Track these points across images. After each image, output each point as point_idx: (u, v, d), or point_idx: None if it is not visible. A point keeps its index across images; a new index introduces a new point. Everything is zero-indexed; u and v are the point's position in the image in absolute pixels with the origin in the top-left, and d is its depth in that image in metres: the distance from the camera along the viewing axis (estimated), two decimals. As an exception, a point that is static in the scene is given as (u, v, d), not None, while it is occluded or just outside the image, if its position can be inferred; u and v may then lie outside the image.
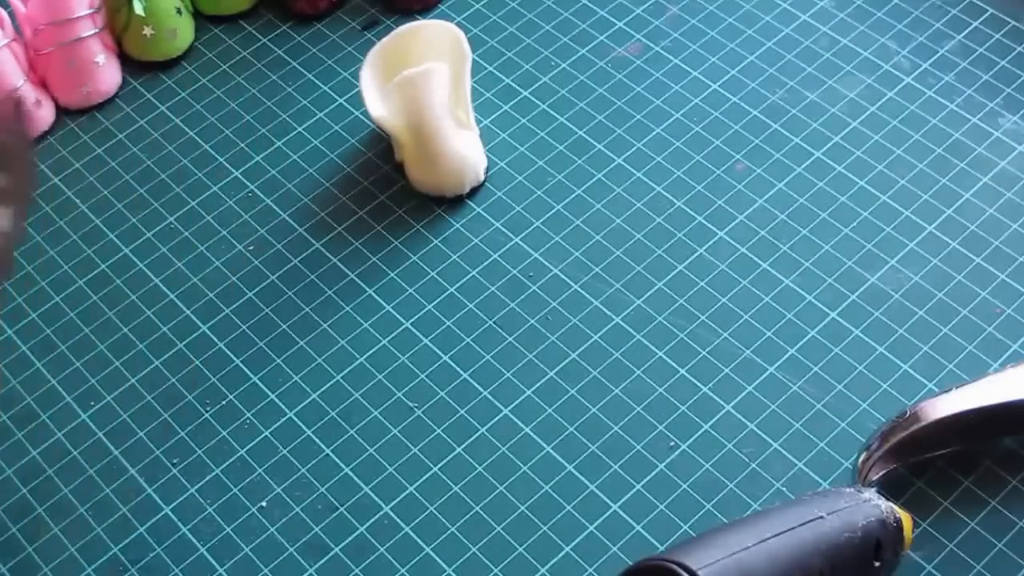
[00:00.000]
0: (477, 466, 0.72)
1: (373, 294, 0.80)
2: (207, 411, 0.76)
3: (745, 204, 0.82)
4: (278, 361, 0.78)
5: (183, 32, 0.92)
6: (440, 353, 0.77)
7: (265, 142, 0.88)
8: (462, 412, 0.75)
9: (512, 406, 0.75)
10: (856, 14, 0.91)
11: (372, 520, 0.71)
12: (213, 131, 0.89)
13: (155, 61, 0.93)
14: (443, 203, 0.84)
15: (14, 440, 0.75)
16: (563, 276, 0.80)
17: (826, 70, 0.88)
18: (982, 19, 0.90)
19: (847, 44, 0.90)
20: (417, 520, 0.71)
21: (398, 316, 0.79)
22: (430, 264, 0.81)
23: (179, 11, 0.92)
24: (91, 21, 0.89)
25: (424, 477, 0.72)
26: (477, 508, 0.71)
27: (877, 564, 0.63)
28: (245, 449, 0.74)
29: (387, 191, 0.85)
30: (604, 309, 0.78)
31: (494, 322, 0.78)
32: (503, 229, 0.82)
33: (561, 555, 0.69)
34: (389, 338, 0.78)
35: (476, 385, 0.76)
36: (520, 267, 0.80)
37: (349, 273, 0.81)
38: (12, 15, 0.88)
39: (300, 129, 0.89)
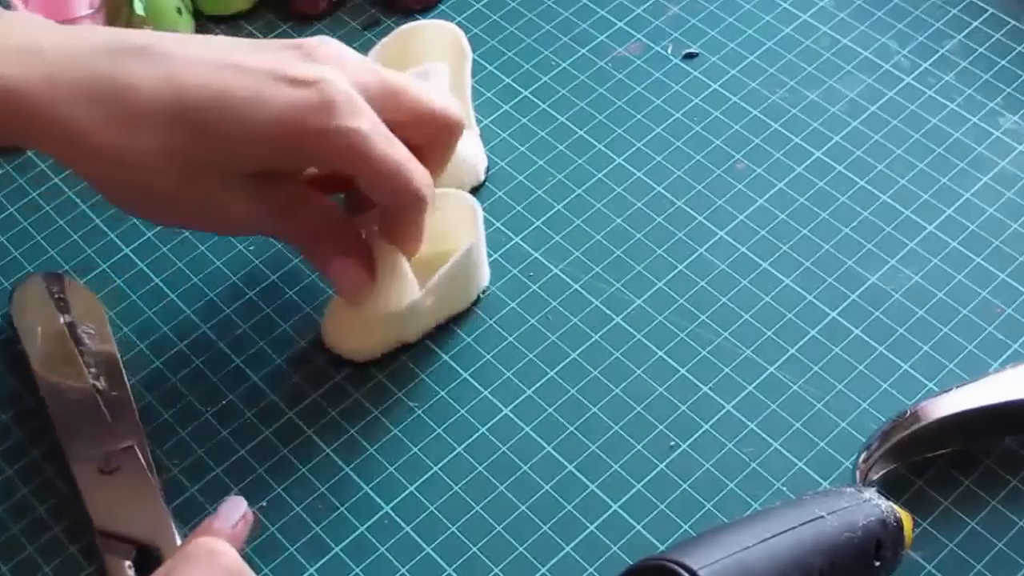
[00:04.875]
0: (477, 466, 0.73)
1: (373, 294, 0.80)
2: (208, 411, 0.76)
3: (745, 204, 0.82)
4: (278, 360, 0.78)
5: (183, 32, 0.92)
6: (440, 352, 0.77)
7: (265, 142, 0.88)
8: (462, 412, 0.75)
9: (512, 406, 0.75)
10: (856, 14, 0.91)
11: (372, 520, 0.71)
12: (213, 131, 0.89)
13: (155, 61, 0.93)
14: (443, 203, 0.84)
15: (15, 440, 0.75)
16: (563, 276, 0.80)
17: (826, 70, 0.88)
18: (982, 19, 0.90)
19: (847, 44, 0.90)
20: (417, 520, 0.71)
21: (398, 316, 0.79)
22: (430, 264, 0.81)
23: (179, 11, 0.92)
24: (91, 21, 0.88)
25: (424, 477, 0.72)
26: (477, 508, 0.71)
27: (877, 563, 0.63)
28: (246, 449, 0.74)
29: (387, 191, 0.85)
30: (604, 309, 0.78)
31: (494, 321, 0.78)
32: (503, 229, 0.82)
33: (561, 555, 0.69)
34: (389, 338, 0.78)
35: (476, 385, 0.76)
36: (520, 267, 0.80)
37: (349, 273, 0.81)
38: (12, 15, 0.88)
39: (300, 129, 0.88)
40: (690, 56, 0.90)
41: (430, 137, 0.72)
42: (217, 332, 0.79)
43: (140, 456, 0.71)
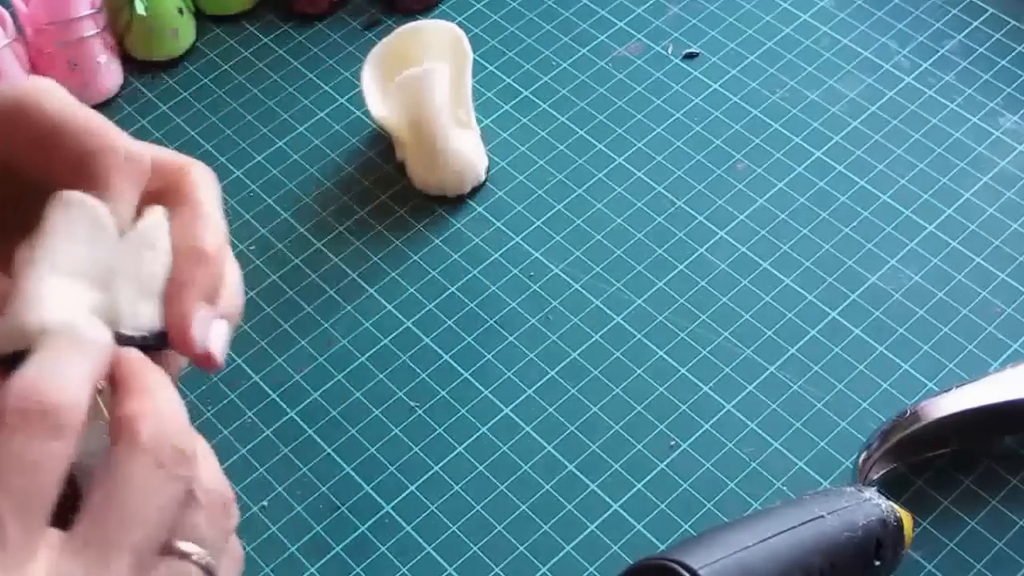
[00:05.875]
0: (478, 465, 0.73)
1: (374, 293, 0.80)
2: (209, 411, 0.76)
3: (745, 204, 0.82)
4: (279, 360, 0.78)
5: (184, 32, 0.93)
6: (441, 352, 0.77)
7: (266, 142, 0.88)
8: (463, 411, 0.75)
9: (513, 405, 0.75)
10: (856, 14, 0.91)
11: (373, 519, 0.71)
12: (214, 131, 0.89)
13: (157, 61, 0.93)
14: (444, 203, 0.84)
15: (16, 439, 0.75)
16: (564, 275, 0.80)
17: (826, 70, 0.88)
18: (982, 19, 0.90)
19: (847, 44, 0.90)
20: (418, 519, 0.71)
21: (399, 315, 0.79)
22: (431, 264, 0.81)
23: (180, 11, 0.92)
24: (93, 21, 0.89)
25: (425, 476, 0.72)
26: (478, 507, 0.71)
27: (877, 563, 0.63)
28: (246, 448, 0.74)
29: (388, 191, 0.85)
30: (605, 308, 0.78)
31: (495, 321, 0.78)
32: (504, 229, 0.82)
33: (562, 554, 0.69)
34: (390, 337, 0.78)
35: (477, 384, 0.76)
36: (521, 266, 0.81)
37: (350, 272, 0.81)
38: (14, 15, 0.88)
39: (301, 129, 0.89)
40: (690, 56, 0.90)
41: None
42: (218, 332, 0.79)
43: None
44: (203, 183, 0.54)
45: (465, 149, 0.83)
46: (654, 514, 0.70)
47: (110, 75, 0.91)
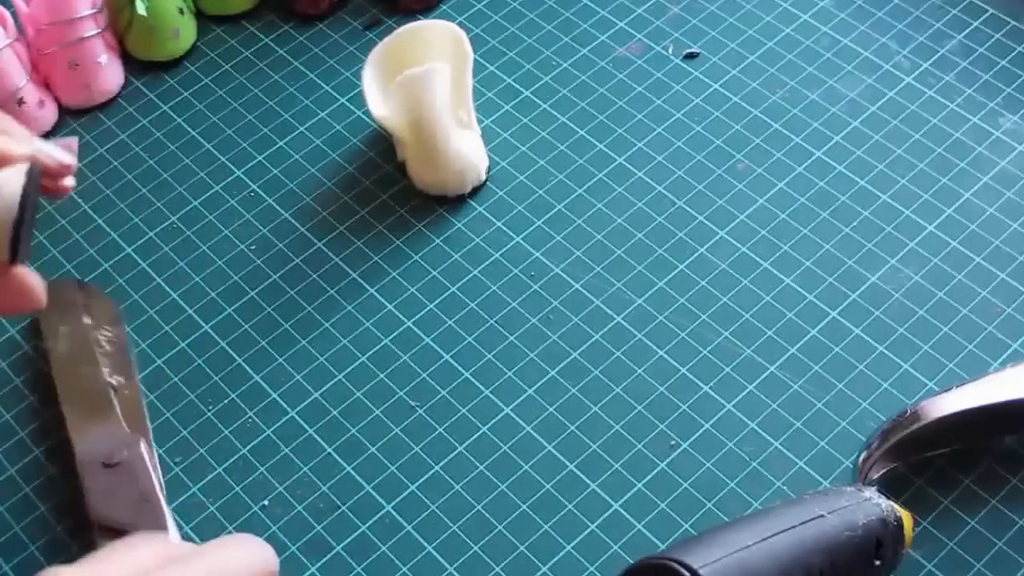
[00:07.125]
0: (478, 465, 0.73)
1: (375, 293, 0.80)
2: (209, 410, 0.76)
3: (746, 204, 0.82)
4: (280, 360, 0.78)
5: (185, 32, 0.93)
6: (441, 352, 0.77)
7: (267, 142, 0.88)
8: (463, 411, 0.75)
9: (513, 405, 0.75)
10: (856, 14, 0.92)
11: (374, 519, 0.71)
12: (215, 131, 0.89)
13: (157, 61, 0.93)
14: (445, 203, 0.84)
15: (17, 439, 0.75)
16: (564, 275, 0.80)
17: (826, 70, 0.88)
18: (982, 19, 0.90)
19: (847, 44, 0.90)
20: (418, 519, 0.71)
21: (399, 315, 0.79)
22: (431, 263, 0.81)
23: (181, 11, 0.92)
24: (93, 21, 0.89)
25: (425, 476, 0.72)
26: (478, 507, 0.71)
27: (878, 563, 0.63)
28: (247, 448, 0.74)
29: (389, 191, 0.85)
30: (605, 308, 0.78)
31: (495, 321, 0.78)
32: (504, 228, 0.82)
33: (562, 554, 0.69)
34: (390, 337, 0.78)
35: (477, 384, 0.76)
36: (521, 266, 0.81)
37: (351, 272, 0.81)
38: (15, 15, 0.88)
39: (302, 129, 0.89)
40: (691, 56, 0.90)
41: None
42: (218, 331, 0.79)
43: (145, 454, 0.71)
44: None
45: (466, 149, 0.83)
46: (654, 514, 0.70)
47: (111, 75, 0.91)
